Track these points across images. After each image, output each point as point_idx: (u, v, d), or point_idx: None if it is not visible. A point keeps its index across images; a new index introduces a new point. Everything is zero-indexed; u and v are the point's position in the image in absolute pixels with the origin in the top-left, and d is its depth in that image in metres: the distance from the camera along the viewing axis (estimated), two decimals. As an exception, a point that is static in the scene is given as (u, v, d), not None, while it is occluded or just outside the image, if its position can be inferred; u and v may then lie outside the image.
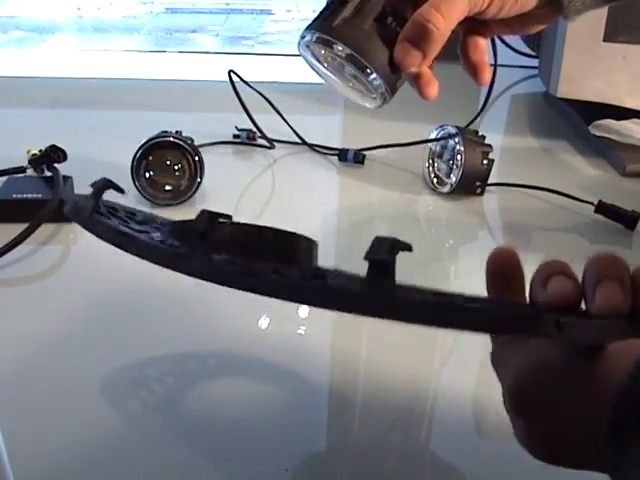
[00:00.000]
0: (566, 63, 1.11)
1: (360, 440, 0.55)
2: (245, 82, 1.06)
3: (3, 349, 0.63)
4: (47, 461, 0.51)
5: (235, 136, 1.04)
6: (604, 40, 1.08)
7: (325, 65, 0.55)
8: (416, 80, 0.53)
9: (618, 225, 0.85)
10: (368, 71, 0.51)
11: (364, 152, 0.99)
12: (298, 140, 1.03)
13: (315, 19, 0.52)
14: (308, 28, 0.52)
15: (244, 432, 0.54)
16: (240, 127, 1.04)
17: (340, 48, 0.50)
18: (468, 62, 0.56)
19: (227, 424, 0.55)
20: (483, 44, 0.56)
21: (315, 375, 0.61)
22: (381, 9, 0.51)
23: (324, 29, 0.50)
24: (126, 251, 0.36)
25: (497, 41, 1.46)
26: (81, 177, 0.87)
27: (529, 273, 0.39)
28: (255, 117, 1.03)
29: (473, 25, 0.55)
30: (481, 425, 0.58)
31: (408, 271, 0.31)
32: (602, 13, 1.07)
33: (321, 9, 0.52)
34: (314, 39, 0.51)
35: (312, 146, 1.02)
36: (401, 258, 0.32)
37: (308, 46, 0.53)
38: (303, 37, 0.52)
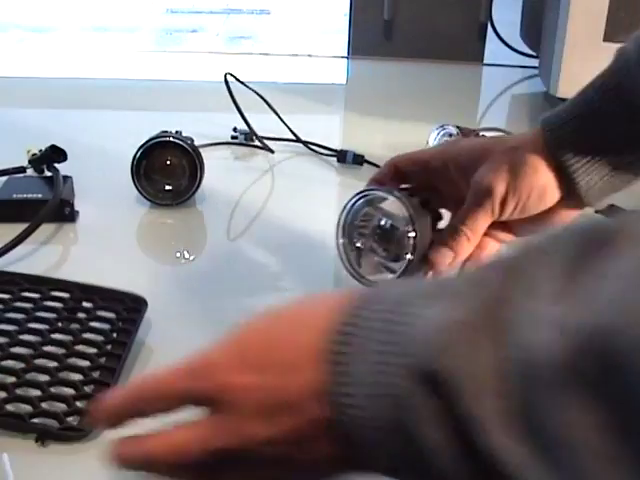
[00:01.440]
0: (566, 63, 1.11)
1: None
2: (242, 83, 1.06)
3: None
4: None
5: (233, 137, 1.04)
6: (604, 40, 1.07)
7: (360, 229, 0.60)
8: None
9: (618, 225, 0.85)
10: (407, 248, 0.57)
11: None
12: (297, 141, 1.03)
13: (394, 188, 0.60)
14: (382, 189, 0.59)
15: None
16: (239, 128, 1.04)
17: (408, 219, 0.57)
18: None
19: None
20: (492, 246, 0.60)
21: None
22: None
23: (403, 196, 0.58)
24: None
25: (497, 41, 1.47)
26: (81, 177, 0.87)
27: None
28: (255, 117, 1.03)
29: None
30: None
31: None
32: (602, 13, 1.07)
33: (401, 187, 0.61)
34: (390, 198, 0.58)
35: (310, 147, 1.02)
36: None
37: (368, 200, 0.59)
38: (376, 193, 0.59)
